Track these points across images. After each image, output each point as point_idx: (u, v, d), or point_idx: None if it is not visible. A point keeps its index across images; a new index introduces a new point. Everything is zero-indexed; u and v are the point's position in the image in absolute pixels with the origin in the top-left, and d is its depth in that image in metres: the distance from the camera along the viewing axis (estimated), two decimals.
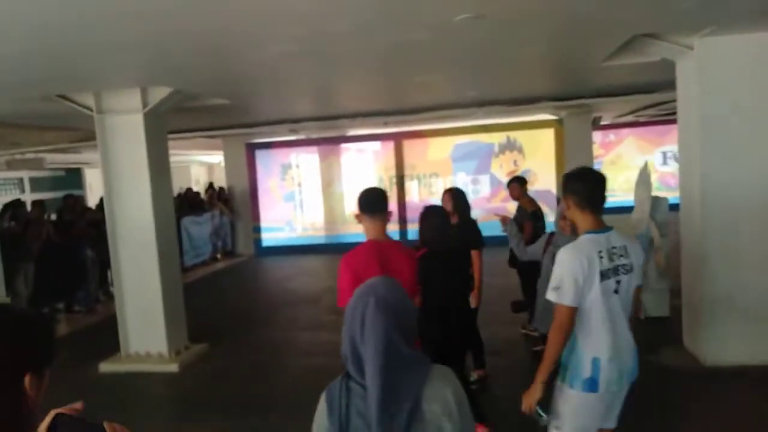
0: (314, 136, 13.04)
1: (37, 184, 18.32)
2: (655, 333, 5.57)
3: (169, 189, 6.08)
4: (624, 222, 5.81)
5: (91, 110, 5.61)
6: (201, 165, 24.02)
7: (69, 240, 8.20)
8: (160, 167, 5.76)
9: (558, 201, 12.39)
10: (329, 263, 11.76)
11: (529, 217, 5.76)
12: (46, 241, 7.87)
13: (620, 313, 2.48)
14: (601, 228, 2.52)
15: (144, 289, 5.65)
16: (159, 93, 5.50)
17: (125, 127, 5.56)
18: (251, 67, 5.01)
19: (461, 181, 12.13)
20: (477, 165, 12.30)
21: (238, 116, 8.59)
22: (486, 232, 4.91)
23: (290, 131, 10.01)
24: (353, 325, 1.50)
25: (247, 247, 13.09)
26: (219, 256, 12.64)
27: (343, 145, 13.05)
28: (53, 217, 9.29)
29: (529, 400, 2.49)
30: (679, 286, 5.44)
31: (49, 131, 9.39)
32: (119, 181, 5.64)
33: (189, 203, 12.05)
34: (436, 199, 7.71)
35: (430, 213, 3.68)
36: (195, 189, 23.86)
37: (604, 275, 2.41)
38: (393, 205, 13.24)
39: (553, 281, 2.45)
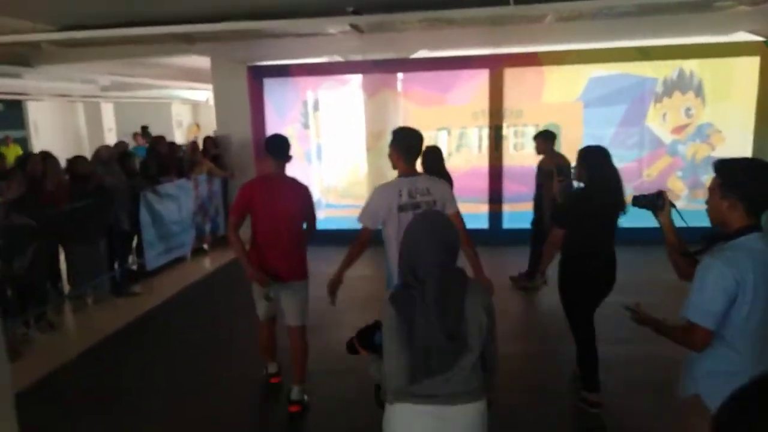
0: (357, 57, 8.29)
1: None
2: None
3: None
4: None
5: None
6: (184, 103, 19.00)
7: None
8: None
9: None
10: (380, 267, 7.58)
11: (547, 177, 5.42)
12: None
13: None
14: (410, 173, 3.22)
15: None
16: None
17: None
18: None
19: (597, 137, 7.52)
20: (625, 113, 7.66)
21: None
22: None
23: (351, 28, 5.20)
24: (414, 247, 1.90)
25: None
26: (206, 245, 8.07)
27: (404, 75, 8.25)
28: None
29: None
30: None
31: None
32: None
33: (160, 163, 7.28)
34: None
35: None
36: (177, 134, 19.04)
37: (402, 208, 3.11)
38: (483, 172, 8.20)
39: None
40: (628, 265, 4.09)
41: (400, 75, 8.16)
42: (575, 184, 3.88)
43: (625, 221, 3.70)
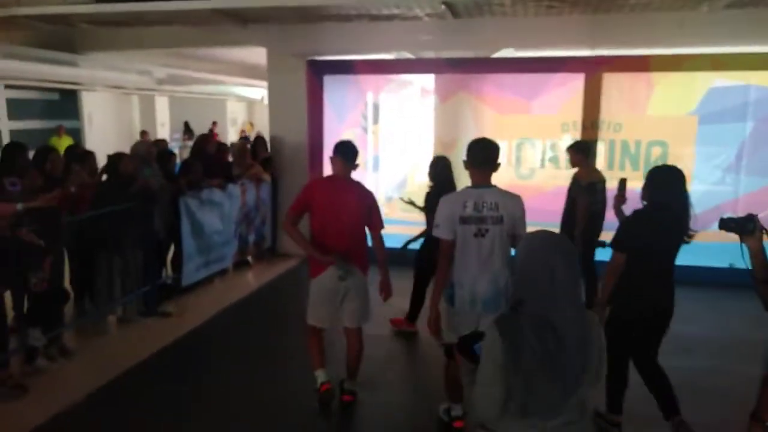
0: (429, 54, 7.33)
1: (17, 109, 13.02)
2: None
3: None
4: None
5: None
6: (239, 100, 18.54)
7: None
8: None
9: None
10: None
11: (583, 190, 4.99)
12: None
13: (479, 252, 3.02)
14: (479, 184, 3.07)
15: None
16: None
17: None
18: None
19: (713, 158, 6.29)
20: (752, 132, 6.41)
21: None
22: None
23: (444, 7, 4.23)
24: (541, 275, 1.65)
25: None
26: (251, 258, 7.25)
27: (484, 77, 7.20)
28: None
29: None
30: None
31: None
32: None
33: (207, 164, 6.43)
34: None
35: None
36: (231, 132, 18.52)
37: (465, 220, 2.99)
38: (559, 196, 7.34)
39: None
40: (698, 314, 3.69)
41: (478, 76, 7.11)
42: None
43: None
